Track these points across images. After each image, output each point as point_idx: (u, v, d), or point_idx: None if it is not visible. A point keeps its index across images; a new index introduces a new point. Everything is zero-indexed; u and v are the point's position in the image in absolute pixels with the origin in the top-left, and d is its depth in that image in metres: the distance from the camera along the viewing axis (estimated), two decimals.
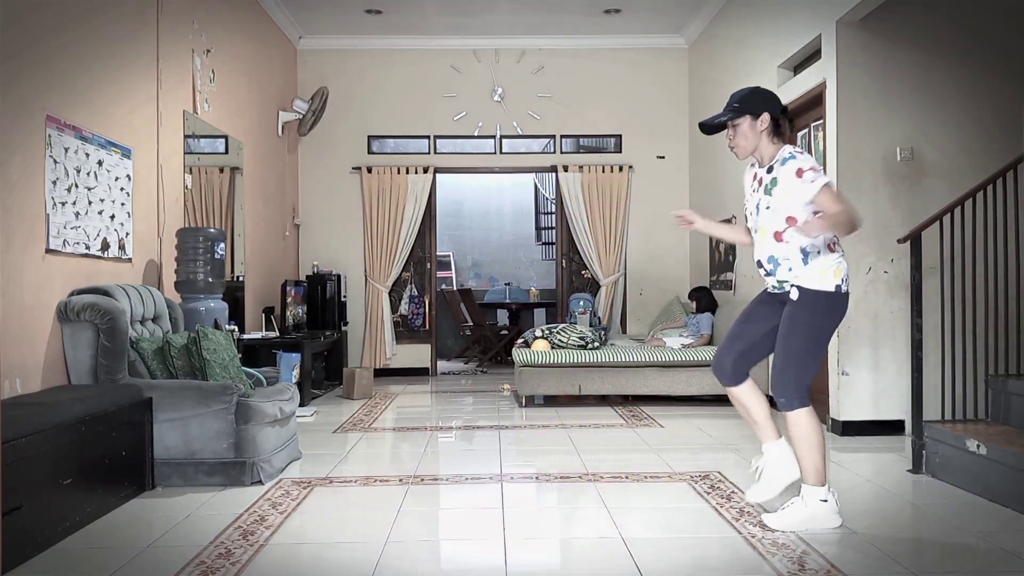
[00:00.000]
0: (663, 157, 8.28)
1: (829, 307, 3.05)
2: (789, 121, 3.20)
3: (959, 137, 4.96)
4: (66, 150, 3.93)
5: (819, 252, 3.05)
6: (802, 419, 3.06)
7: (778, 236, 3.08)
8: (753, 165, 3.24)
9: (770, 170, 3.11)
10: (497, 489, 3.75)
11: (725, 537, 3.03)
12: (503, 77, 8.27)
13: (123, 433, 3.52)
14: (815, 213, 3.00)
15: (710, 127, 3.20)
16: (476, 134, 8.30)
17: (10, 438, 2.75)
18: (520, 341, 6.66)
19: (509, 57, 8.27)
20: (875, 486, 3.74)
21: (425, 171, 8.15)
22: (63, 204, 3.90)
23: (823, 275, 3.04)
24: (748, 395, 3.25)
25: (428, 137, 8.31)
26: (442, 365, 9.09)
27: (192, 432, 3.77)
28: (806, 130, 5.51)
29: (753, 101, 3.14)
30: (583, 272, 8.40)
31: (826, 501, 3.07)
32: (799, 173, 2.99)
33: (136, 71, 4.72)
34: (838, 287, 3.05)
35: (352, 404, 6.41)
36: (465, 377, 8.35)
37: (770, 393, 3.25)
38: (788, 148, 3.10)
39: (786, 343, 3.08)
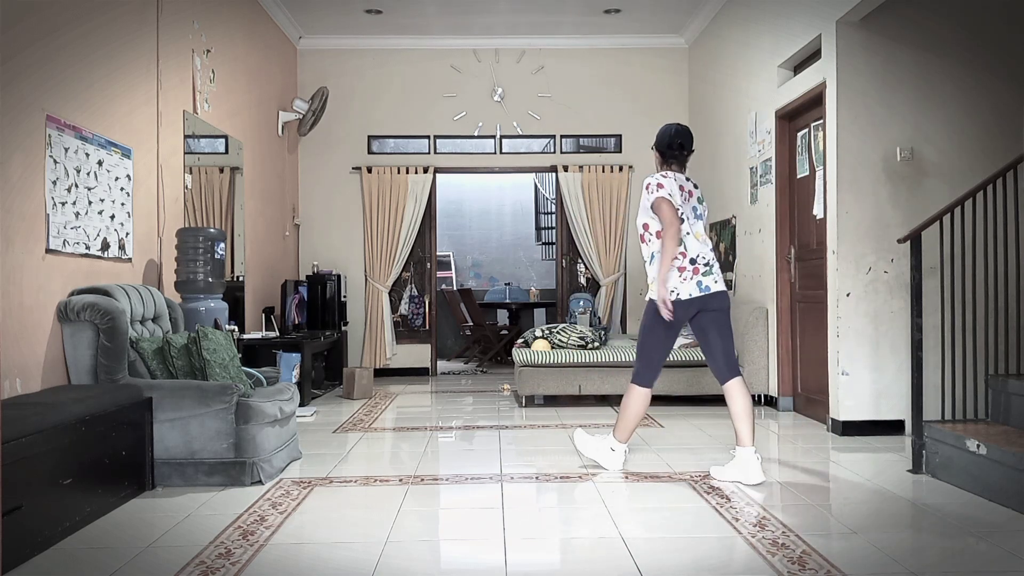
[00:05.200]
0: None
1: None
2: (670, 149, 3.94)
3: (959, 137, 4.97)
4: (66, 150, 3.93)
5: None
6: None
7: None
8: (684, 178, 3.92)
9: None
10: (497, 489, 3.75)
11: (725, 537, 3.03)
12: (503, 77, 8.27)
13: (123, 433, 3.53)
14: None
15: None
16: (476, 134, 8.30)
17: (10, 438, 2.75)
18: (520, 341, 6.66)
19: (509, 57, 8.27)
20: (875, 486, 3.74)
21: (425, 171, 8.15)
22: (63, 204, 3.91)
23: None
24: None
25: (428, 137, 8.31)
26: (442, 365, 9.09)
27: (192, 432, 3.77)
28: (806, 130, 5.51)
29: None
30: (583, 272, 8.40)
31: (614, 451, 4.05)
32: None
33: (136, 71, 4.72)
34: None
35: (352, 404, 6.41)
36: (465, 377, 8.35)
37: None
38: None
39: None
